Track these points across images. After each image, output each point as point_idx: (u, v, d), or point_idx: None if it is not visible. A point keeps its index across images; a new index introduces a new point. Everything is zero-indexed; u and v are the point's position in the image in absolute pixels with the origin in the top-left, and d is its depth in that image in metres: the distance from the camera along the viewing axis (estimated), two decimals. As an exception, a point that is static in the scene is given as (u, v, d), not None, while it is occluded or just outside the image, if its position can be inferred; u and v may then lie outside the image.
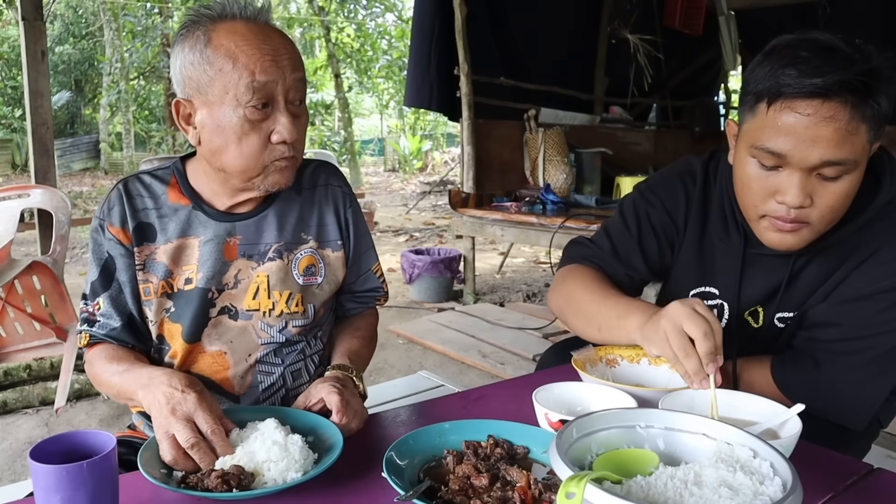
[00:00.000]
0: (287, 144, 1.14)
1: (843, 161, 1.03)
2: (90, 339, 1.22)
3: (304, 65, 1.19)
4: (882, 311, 1.14)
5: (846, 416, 1.18)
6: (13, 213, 2.96)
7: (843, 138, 1.02)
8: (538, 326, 4.06)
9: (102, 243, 1.22)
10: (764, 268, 1.25)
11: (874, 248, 1.15)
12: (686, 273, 1.36)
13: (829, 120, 1.01)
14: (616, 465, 0.76)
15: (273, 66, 1.11)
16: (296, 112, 1.15)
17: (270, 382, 1.25)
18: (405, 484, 0.86)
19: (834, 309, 1.18)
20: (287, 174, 1.19)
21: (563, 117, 5.15)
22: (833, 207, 1.08)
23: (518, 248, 6.66)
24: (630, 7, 5.79)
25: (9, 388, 3.00)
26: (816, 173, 1.06)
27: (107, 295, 1.21)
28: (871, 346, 1.15)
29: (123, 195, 1.22)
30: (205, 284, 1.21)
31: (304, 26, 17.74)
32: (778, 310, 1.26)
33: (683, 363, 1.01)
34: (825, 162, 1.04)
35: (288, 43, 1.15)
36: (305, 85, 1.17)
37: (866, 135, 1.03)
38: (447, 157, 17.84)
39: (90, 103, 18.75)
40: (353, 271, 1.36)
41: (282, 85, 1.12)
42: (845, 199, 1.09)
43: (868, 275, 1.15)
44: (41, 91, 3.40)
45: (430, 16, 4.73)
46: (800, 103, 1.03)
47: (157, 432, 0.97)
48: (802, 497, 0.66)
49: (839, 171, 1.05)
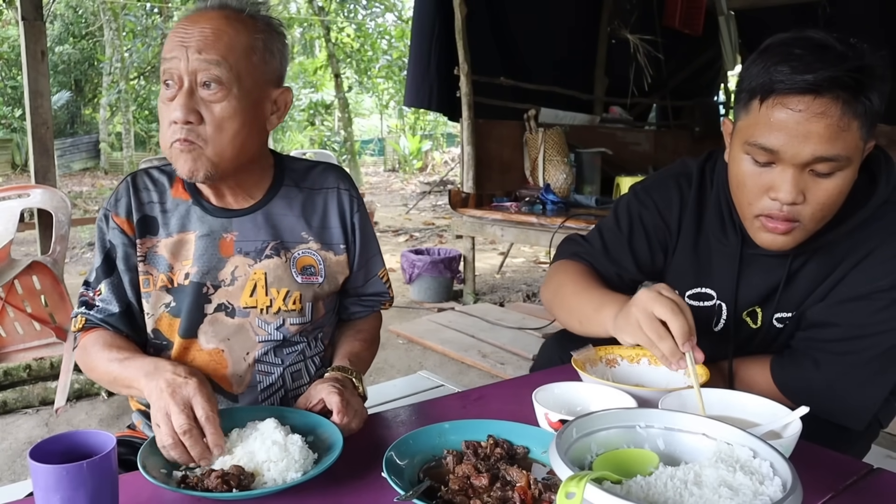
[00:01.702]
0: (177, 125, 1.11)
1: (836, 157, 1.04)
2: (86, 323, 1.23)
3: (236, 50, 1.12)
4: (880, 310, 1.14)
5: (846, 416, 1.18)
6: (13, 213, 2.96)
7: (834, 134, 1.02)
8: (538, 326, 4.06)
9: (106, 232, 1.25)
10: (761, 268, 1.25)
11: (871, 248, 1.15)
12: (681, 275, 1.36)
13: (821, 116, 1.02)
14: (616, 465, 0.76)
15: (178, 45, 1.11)
16: (207, 97, 1.11)
17: (269, 382, 1.25)
18: (405, 484, 0.86)
19: (832, 309, 1.18)
20: (182, 160, 1.12)
21: (563, 117, 5.15)
22: (825, 205, 1.09)
23: (518, 248, 6.66)
24: (630, 7, 5.79)
25: (9, 388, 3.00)
26: (809, 170, 1.06)
27: (108, 281, 1.23)
28: (870, 346, 1.15)
29: (130, 188, 1.25)
30: (199, 279, 1.21)
31: (304, 26, 17.73)
32: (776, 310, 1.26)
33: (658, 346, 1.01)
34: (817, 157, 1.04)
35: (218, 26, 1.12)
36: (221, 69, 1.10)
37: (858, 131, 1.04)
38: (447, 157, 17.83)
39: (90, 103, 18.75)
40: (359, 276, 1.36)
41: (184, 63, 1.10)
42: (837, 197, 1.09)
43: (865, 274, 1.15)
44: (41, 91, 3.40)
45: (430, 16, 4.73)
46: (792, 99, 1.04)
47: (154, 416, 0.97)
48: (802, 497, 0.65)
49: (831, 167, 1.05)
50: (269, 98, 1.20)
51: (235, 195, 1.25)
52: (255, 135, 1.18)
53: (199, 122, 1.11)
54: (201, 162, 1.13)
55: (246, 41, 1.14)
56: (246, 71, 1.13)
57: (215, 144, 1.12)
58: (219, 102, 1.11)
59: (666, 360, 1.02)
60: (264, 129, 1.21)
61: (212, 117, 1.11)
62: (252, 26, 1.16)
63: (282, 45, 1.22)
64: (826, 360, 1.17)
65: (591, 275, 1.34)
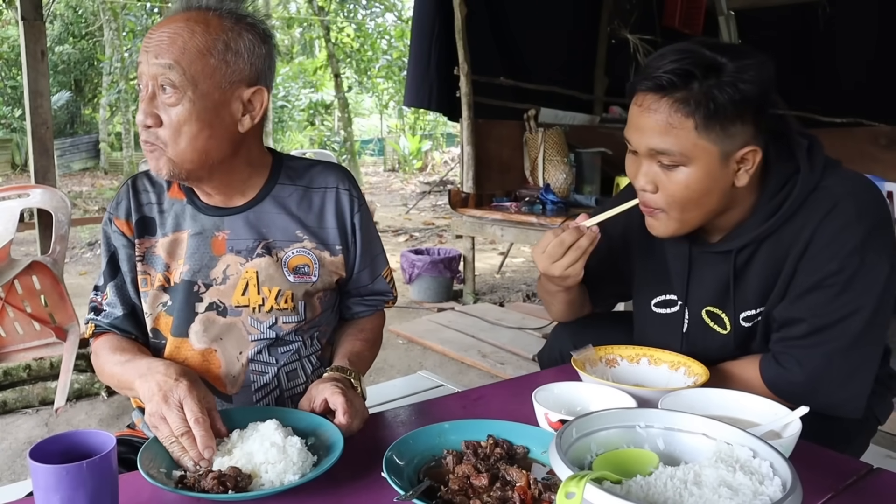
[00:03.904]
0: (144, 128, 1.13)
1: (668, 151, 1.14)
2: (96, 329, 1.27)
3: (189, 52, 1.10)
4: (837, 295, 1.15)
5: (841, 408, 1.18)
6: (13, 213, 2.96)
7: (664, 129, 1.13)
8: (538, 326, 4.06)
9: (110, 235, 1.27)
10: (709, 265, 1.28)
11: (809, 236, 1.17)
12: (645, 283, 1.41)
13: (651, 111, 1.14)
14: (616, 465, 0.76)
15: (143, 50, 1.13)
16: (164, 100, 1.11)
17: (264, 382, 1.25)
18: (405, 484, 0.86)
19: (794, 305, 1.20)
20: (152, 160, 1.15)
21: (563, 117, 5.15)
22: (675, 196, 1.17)
23: (518, 248, 6.66)
24: (630, 7, 5.78)
25: (8, 388, 3.00)
26: (657, 161, 1.17)
27: (113, 284, 1.26)
28: (840, 334, 1.16)
29: (130, 190, 1.28)
30: (190, 277, 1.22)
31: (304, 26, 17.74)
32: (738, 309, 1.27)
33: (562, 238, 1.23)
34: (651, 149, 1.16)
35: (175, 30, 1.11)
36: (174, 72, 1.09)
37: (694, 131, 1.12)
38: (447, 157, 17.82)
39: (90, 103, 18.74)
40: (363, 275, 1.36)
41: (146, 68, 1.12)
42: (685, 191, 1.16)
43: (812, 263, 1.17)
44: (41, 91, 3.40)
45: (429, 16, 4.73)
46: (638, 96, 1.17)
47: (149, 419, 0.99)
48: (802, 497, 0.66)
49: (671, 160, 1.15)
50: (236, 99, 1.16)
51: (224, 194, 1.25)
52: (219, 137, 1.15)
53: (157, 124, 1.12)
54: (163, 161, 1.14)
55: (202, 43, 1.11)
56: (203, 73, 1.11)
57: (174, 147, 1.13)
58: (174, 106, 1.11)
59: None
60: (232, 131, 1.17)
61: (169, 120, 1.12)
62: (216, 25, 1.13)
63: (253, 43, 1.16)
64: (804, 356, 1.18)
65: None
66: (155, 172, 1.16)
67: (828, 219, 1.15)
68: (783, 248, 1.20)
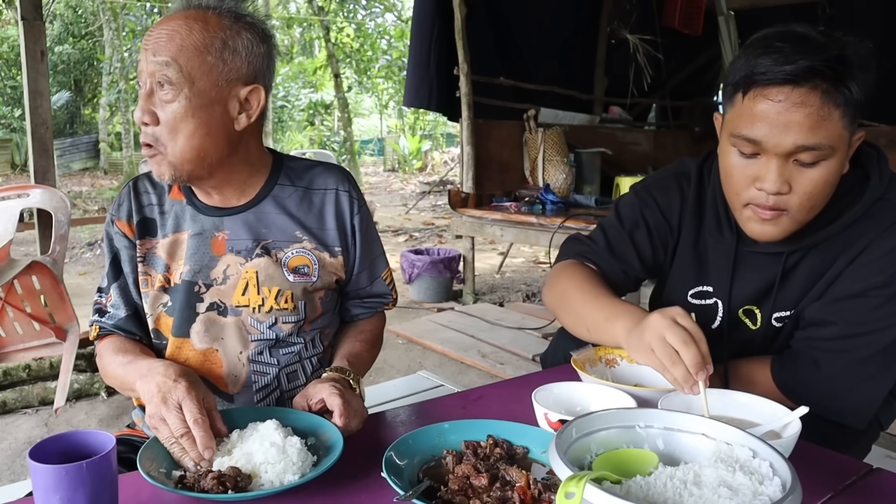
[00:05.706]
0: (142, 127, 1.14)
1: (817, 146, 1.06)
2: (100, 331, 1.27)
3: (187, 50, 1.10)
4: (876, 307, 1.14)
5: (847, 416, 1.18)
6: (12, 213, 2.95)
7: (815, 123, 1.04)
8: (538, 326, 4.06)
9: (112, 237, 1.28)
10: (757, 265, 1.26)
11: (865, 245, 1.16)
12: (683, 273, 1.36)
13: (800, 105, 1.04)
14: (615, 465, 0.76)
15: (143, 48, 1.14)
16: (161, 97, 1.12)
17: (265, 383, 1.25)
18: (405, 484, 0.86)
19: (829, 307, 1.19)
20: (154, 166, 1.16)
21: (563, 117, 5.15)
22: (811, 194, 1.10)
23: (517, 248, 6.66)
24: (630, 7, 5.78)
25: (8, 388, 3.00)
26: (793, 159, 1.08)
27: (116, 286, 1.27)
28: (868, 344, 1.15)
29: (132, 192, 1.29)
30: (191, 278, 1.22)
31: (304, 26, 17.73)
32: (774, 309, 1.26)
33: (671, 371, 1.00)
34: (799, 147, 1.06)
35: (174, 27, 1.11)
36: (171, 69, 1.09)
37: (840, 121, 1.06)
38: (447, 157, 17.83)
39: (90, 103, 18.74)
40: (362, 277, 1.35)
41: (144, 65, 1.12)
42: (823, 186, 1.10)
43: (861, 271, 1.16)
44: (40, 91, 3.40)
45: (429, 16, 4.73)
46: (772, 90, 1.07)
47: (149, 421, 0.99)
48: (802, 497, 0.66)
49: (815, 156, 1.07)
50: (233, 97, 1.16)
51: (223, 194, 1.25)
52: (215, 135, 1.15)
53: (154, 122, 1.13)
54: (164, 167, 1.15)
55: (200, 40, 1.11)
56: (200, 71, 1.11)
57: (172, 146, 1.13)
58: (170, 103, 1.11)
59: (678, 385, 1.01)
60: (229, 129, 1.17)
61: (165, 118, 1.12)
62: (215, 23, 1.13)
63: (251, 42, 1.16)
64: (825, 359, 1.17)
65: (598, 279, 1.33)
66: (158, 178, 1.17)
67: (888, 232, 1.14)
68: (833, 254, 1.18)
